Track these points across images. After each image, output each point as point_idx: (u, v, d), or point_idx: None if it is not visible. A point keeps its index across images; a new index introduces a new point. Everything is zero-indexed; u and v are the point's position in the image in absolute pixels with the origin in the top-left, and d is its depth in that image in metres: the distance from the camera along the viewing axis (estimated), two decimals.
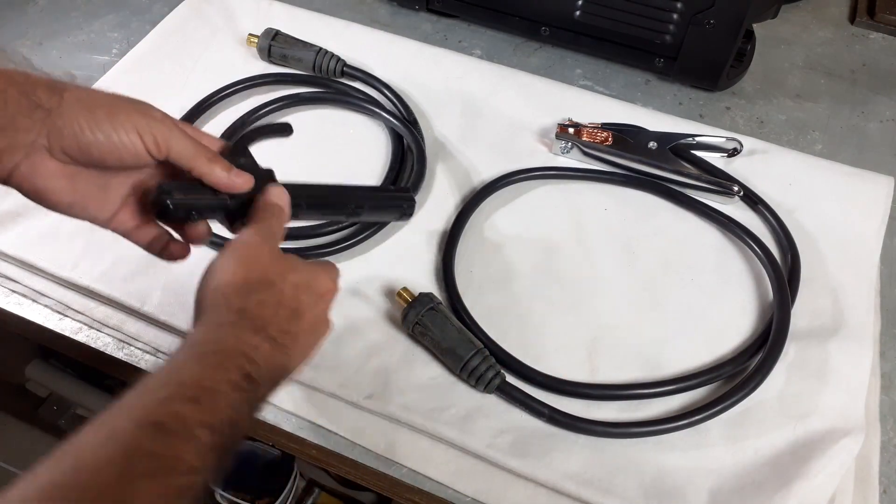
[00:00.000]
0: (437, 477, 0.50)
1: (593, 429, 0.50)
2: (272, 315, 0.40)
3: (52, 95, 0.38)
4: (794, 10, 0.87)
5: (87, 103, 0.39)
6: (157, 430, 0.32)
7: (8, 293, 0.59)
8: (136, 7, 0.84)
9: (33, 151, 0.39)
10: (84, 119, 0.39)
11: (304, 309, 0.42)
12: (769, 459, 0.49)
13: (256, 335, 0.38)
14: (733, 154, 0.67)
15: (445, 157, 0.68)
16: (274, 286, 0.41)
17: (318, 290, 0.43)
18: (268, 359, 0.38)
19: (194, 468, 0.32)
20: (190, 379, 0.35)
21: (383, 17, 0.84)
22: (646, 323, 0.57)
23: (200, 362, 0.36)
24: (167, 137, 0.41)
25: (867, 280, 0.59)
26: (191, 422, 0.33)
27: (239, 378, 0.36)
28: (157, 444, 0.32)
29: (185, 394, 0.34)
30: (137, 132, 0.40)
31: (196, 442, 0.33)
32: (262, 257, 0.42)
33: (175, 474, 0.31)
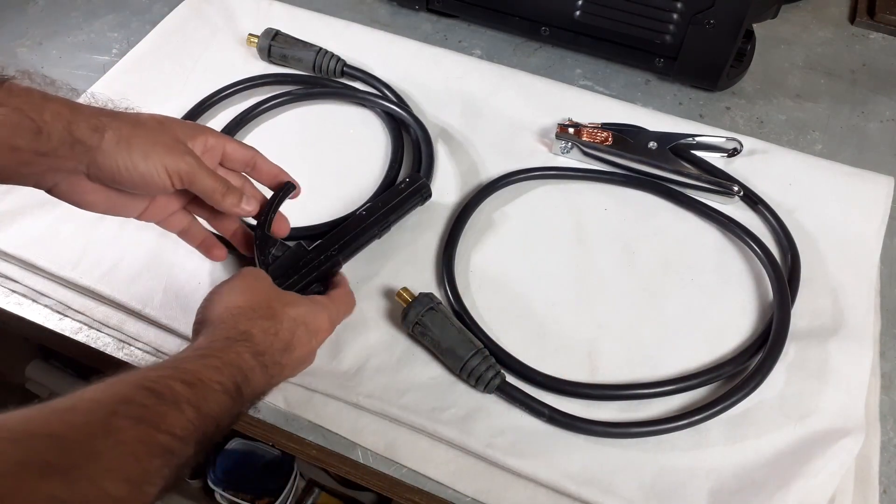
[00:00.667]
0: (437, 477, 0.50)
1: (593, 429, 0.50)
2: (269, 345, 0.44)
3: (94, 133, 0.44)
4: (794, 10, 0.87)
5: (125, 144, 0.45)
6: (150, 391, 0.36)
7: (8, 293, 0.59)
8: (136, 7, 0.84)
9: (73, 175, 0.45)
10: (121, 159, 0.44)
11: (297, 344, 0.46)
12: (769, 459, 0.49)
13: (254, 359, 0.42)
14: (733, 154, 0.67)
15: (445, 157, 0.68)
16: (276, 316, 0.46)
17: (312, 328, 0.48)
18: (256, 381, 0.42)
19: (176, 435, 0.35)
20: (189, 368, 0.39)
21: (383, 17, 0.84)
22: (646, 323, 0.57)
23: (201, 361, 0.40)
24: (191, 175, 0.47)
25: (867, 280, 0.59)
26: (180, 397, 0.36)
27: (231, 386, 0.40)
28: (147, 401, 0.35)
29: (181, 377, 0.37)
30: (166, 170, 0.46)
31: (182, 414, 0.36)
32: (267, 288, 0.48)
33: (158, 430, 0.34)
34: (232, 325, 0.43)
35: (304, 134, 0.71)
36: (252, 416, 0.53)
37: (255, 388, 0.42)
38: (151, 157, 0.45)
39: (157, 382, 0.36)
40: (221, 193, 0.49)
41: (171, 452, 0.35)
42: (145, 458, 0.34)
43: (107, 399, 0.34)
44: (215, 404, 0.38)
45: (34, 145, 0.42)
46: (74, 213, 0.61)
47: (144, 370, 0.38)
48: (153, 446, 0.34)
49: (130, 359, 0.56)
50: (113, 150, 0.44)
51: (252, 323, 0.44)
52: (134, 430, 0.34)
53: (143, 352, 0.56)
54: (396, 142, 0.69)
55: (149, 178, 0.46)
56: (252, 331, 0.43)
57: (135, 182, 0.46)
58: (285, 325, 0.45)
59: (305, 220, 0.61)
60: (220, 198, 0.49)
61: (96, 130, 0.44)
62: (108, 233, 0.60)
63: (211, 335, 0.43)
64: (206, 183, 0.48)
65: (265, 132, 0.70)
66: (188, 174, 0.47)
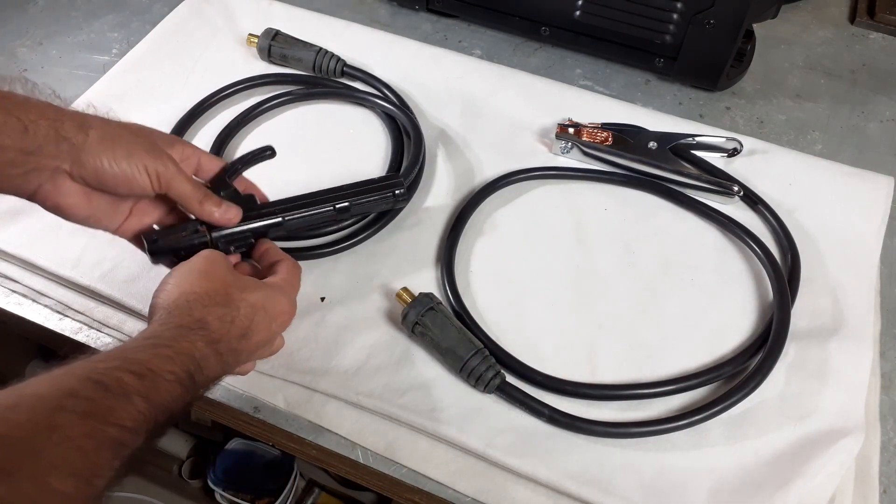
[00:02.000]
0: (437, 477, 0.50)
1: (593, 429, 0.50)
2: (226, 332, 0.44)
3: (79, 132, 0.44)
4: (794, 10, 0.87)
5: (108, 142, 0.45)
6: (98, 384, 0.35)
7: (8, 293, 0.59)
8: (136, 7, 0.84)
9: (57, 175, 0.45)
10: (105, 156, 0.45)
11: (255, 330, 0.45)
12: (769, 459, 0.49)
13: (208, 347, 0.42)
14: (733, 154, 0.67)
15: (445, 157, 0.68)
16: (232, 303, 0.45)
17: (272, 312, 0.47)
18: (210, 369, 0.42)
19: (125, 426, 0.35)
20: (139, 360, 0.38)
21: (383, 17, 0.84)
22: (646, 323, 0.57)
23: (152, 350, 0.39)
24: (169, 179, 0.47)
25: (867, 280, 0.59)
26: (130, 389, 0.36)
27: (183, 375, 0.40)
28: (95, 394, 0.35)
29: (130, 368, 0.37)
30: (146, 170, 0.46)
31: (131, 406, 0.36)
32: (224, 273, 0.47)
33: (105, 423, 0.34)
34: (187, 313, 0.43)
35: (304, 134, 0.71)
36: (252, 416, 0.53)
37: (209, 374, 0.42)
38: (133, 157, 0.46)
39: (104, 374, 0.36)
40: (199, 200, 0.50)
41: (121, 444, 0.35)
42: (93, 452, 0.33)
43: (51, 394, 0.34)
44: (167, 394, 0.38)
45: (21, 144, 0.42)
46: None
47: (92, 361, 0.37)
48: (101, 440, 0.34)
49: None
50: (97, 147, 0.44)
51: (207, 310, 0.43)
52: (80, 424, 0.33)
53: None
54: (396, 142, 0.69)
55: (131, 177, 0.46)
56: (207, 318, 0.43)
57: (117, 180, 0.46)
58: (242, 312, 0.45)
59: None
60: (198, 204, 0.50)
61: (81, 128, 0.44)
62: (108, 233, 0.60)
63: (164, 322, 0.42)
64: (185, 187, 0.49)
65: (265, 132, 0.70)
66: (167, 177, 0.47)
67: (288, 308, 0.49)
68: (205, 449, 1.16)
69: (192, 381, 0.40)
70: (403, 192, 0.58)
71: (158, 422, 0.37)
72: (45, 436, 0.32)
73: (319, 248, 0.60)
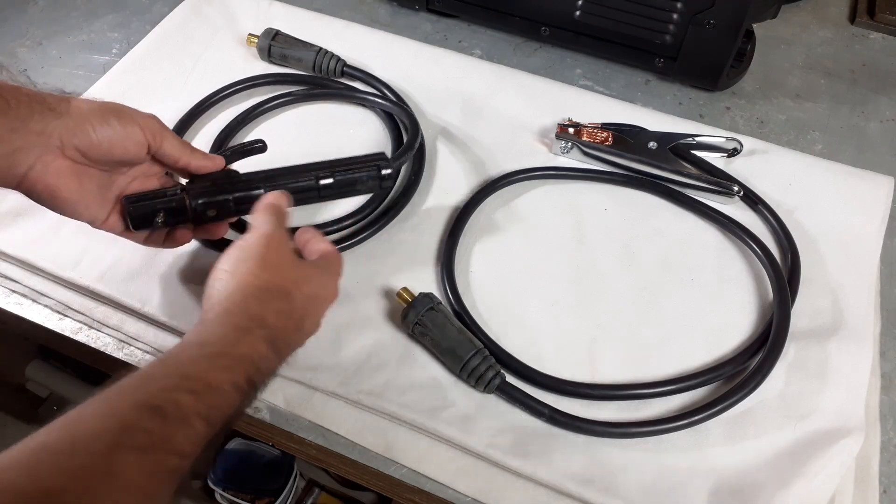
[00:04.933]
0: (437, 477, 0.50)
1: (593, 429, 0.50)
2: (283, 327, 0.42)
3: (62, 102, 0.43)
4: (794, 10, 0.87)
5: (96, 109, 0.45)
6: (155, 412, 0.33)
7: (8, 293, 0.59)
8: (136, 7, 0.84)
9: (46, 151, 0.43)
10: (94, 118, 0.44)
11: (307, 317, 0.44)
12: (769, 459, 0.49)
13: (267, 346, 0.40)
14: (733, 154, 0.67)
15: (445, 157, 0.68)
16: (290, 296, 0.43)
17: (322, 297, 0.46)
18: (268, 367, 0.41)
19: (185, 453, 0.33)
20: (196, 374, 0.36)
21: (383, 17, 0.84)
22: (646, 323, 0.57)
23: (210, 361, 0.37)
24: (162, 134, 0.48)
25: (867, 280, 0.59)
26: (188, 411, 0.34)
27: (243, 382, 0.38)
28: (152, 423, 0.33)
29: (188, 386, 0.35)
30: (139, 126, 0.46)
31: (191, 430, 0.34)
32: (285, 263, 0.45)
33: (166, 454, 0.32)
34: (244, 310, 0.41)
35: (305, 134, 0.71)
36: (252, 416, 0.53)
37: (267, 374, 0.40)
38: (124, 116, 0.45)
39: (160, 398, 0.34)
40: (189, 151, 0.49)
41: (178, 471, 0.33)
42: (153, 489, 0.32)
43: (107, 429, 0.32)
44: (227, 407, 0.36)
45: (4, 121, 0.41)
46: None
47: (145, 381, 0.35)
48: (161, 474, 0.32)
49: (130, 359, 0.56)
50: (85, 114, 0.44)
51: (265, 306, 0.41)
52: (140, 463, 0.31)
53: (143, 352, 0.56)
54: (396, 142, 0.69)
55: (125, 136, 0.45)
56: (266, 315, 0.41)
57: (112, 142, 0.45)
58: (298, 304, 0.43)
59: (306, 219, 0.61)
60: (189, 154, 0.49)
61: (62, 100, 0.44)
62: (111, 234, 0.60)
63: (221, 324, 0.40)
64: (176, 141, 0.48)
65: (265, 132, 0.70)
66: (161, 133, 0.47)
67: (335, 293, 0.48)
68: None
69: (252, 386, 0.38)
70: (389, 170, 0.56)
71: (217, 436, 0.35)
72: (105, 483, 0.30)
73: None
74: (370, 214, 0.62)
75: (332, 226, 0.61)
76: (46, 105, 0.42)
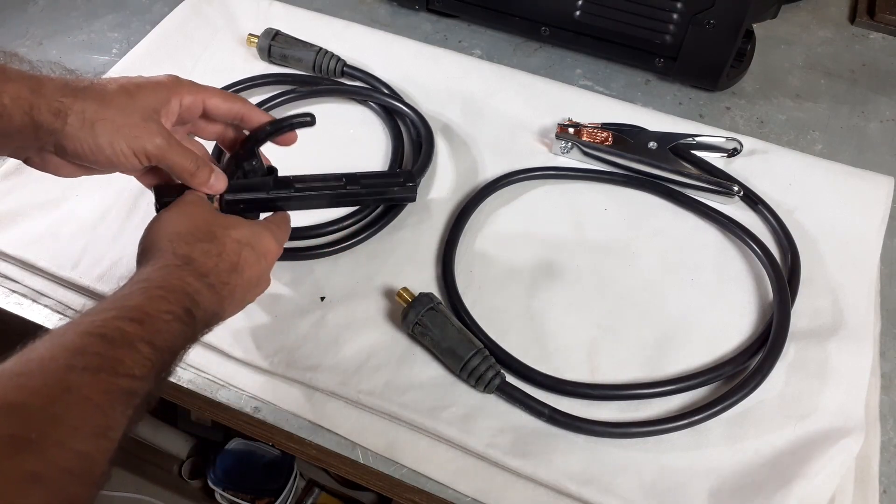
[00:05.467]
0: (437, 477, 0.50)
1: (593, 429, 0.50)
2: (214, 265, 0.44)
3: (57, 118, 0.42)
4: (794, 10, 0.87)
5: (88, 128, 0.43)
6: (101, 338, 0.35)
7: (8, 293, 0.59)
8: (136, 7, 0.84)
9: (42, 152, 0.45)
10: (85, 143, 0.43)
11: (244, 265, 0.46)
12: (769, 459, 0.49)
13: (198, 280, 0.42)
14: (733, 154, 0.67)
15: (445, 157, 0.68)
16: (216, 239, 0.45)
17: (259, 249, 0.47)
18: (206, 302, 0.42)
19: (135, 376, 0.35)
20: (134, 305, 0.38)
21: (383, 17, 0.84)
22: (646, 323, 0.57)
23: (145, 294, 0.39)
24: (159, 155, 0.46)
25: (867, 280, 0.59)
26: (132, 336, 0.36)
27: (181, 312, 0.39)
28: (100, 347, 0.35)
29: (128, 315, 0.37)
30: (134, 153, 0.45)
31: (137, 353, 0.36)
32: (206, 213, 0.47)
33: (117, 375, 0.34)
34: (170, 252, 0.43)
35: (305, 133, 0.70)
36: (252, 416, 0.53)
37: (207, 308, 0.42)
38: (117, 142, 0.44)
39: (105, 326, 0.36)
40: (190, 173, 0.48)
41: (132, 393, 0.35)
42: (108, 406, 0.33)
43: (59, 354, 0.34)
44: (169, 335, 0.38)
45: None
46: (74, 213, 0.61)
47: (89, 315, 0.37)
48: (115, 393, 0.34)
49: None
50: (77, 133, 0.43)
51: (191, 247, 0.43)
52: (93, 381, 0.33)
53: None
54: (396, 141, 0.69)
55: (116, 161, 0.45)
56: (192, 254, 0.43)
57: (101, 164, 0.45)
58: (228, 247, 0.45)
59: (307, 219, 0.61)
60: (189, 177, 0.48)
61: (58, 115, 0.42)
62: (108, 233, 0.61)
63: (151, 265, 0.42)
64: (175, 160, 0.47)
65: None
66: (156, 156, 0.46)
67: (275, 247, 0.49)
68: (205, 449, 1.16)
69: (191, 317, 0.40)
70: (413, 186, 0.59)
71: (165, 364, 0.37)
72: (61, 399, 0.32)
73: (319, 248, 0.60)
74: (370, 214, 0.62)
75: (332, 226, 0.61)
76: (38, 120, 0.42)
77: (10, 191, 0.63)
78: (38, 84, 0.42)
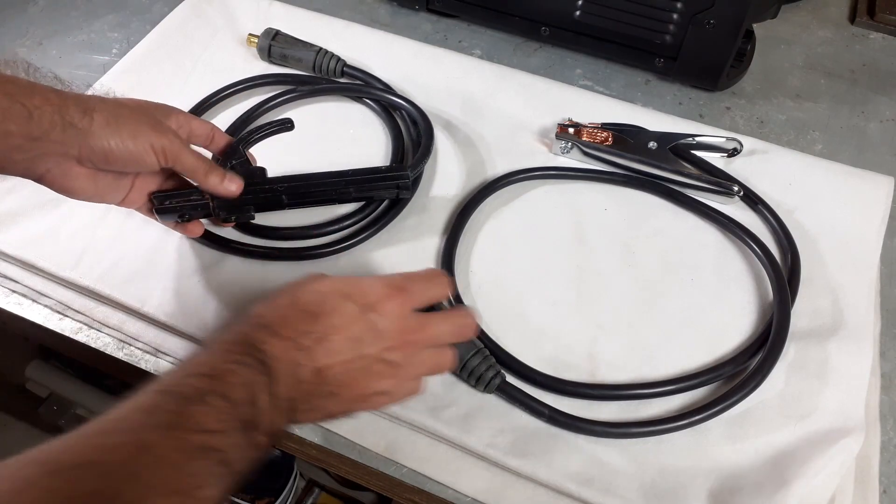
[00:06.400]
0: (437, 477, 0.50)
1: (593, 429, 0.50)
2: (281, 317, 0.41)
3: (84, 116, 0.45)
4: (794, 10, 0.87)
5: (114, 124, 0.46)
6: (173, 395, 0.35)
7: (8, 293, 0.59)
8: (136, 7, 0.84)
9: (64, 160, 0.46)
10: (112, 139, 0.46)
11: (329, 311, 0.41)
12: (769, 459, 0.49)
13: (262, 331, 0.40)
14: (733, 154, 0.67)
15: (445, 157, 0.68)
16: (286, 294, 0.43)
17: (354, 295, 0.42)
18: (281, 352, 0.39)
19: (209, 430, 0.35)
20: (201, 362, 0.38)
21: (383, 17, 0.84)
22: (646, 323, 0.57)
23: (208, 351, 0.39)
24: (175, 153, 0.49)
25: (867, 280, 0.59)
26: (204, 390, 0.36)
27: (250, 360, 0.38)
28: (173, 405, 0.35)
29: (199, 371, 0.37)
30: (153, 148, 0.48)
31: (209, 407, 0.35)
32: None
33: (190, 432, 0.34)
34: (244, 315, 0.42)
35: (305, 133, 0.70)
36: None
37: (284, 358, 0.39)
38: (139, 137, 0.47)
39: (177, 384, 0.36)
40: (204, 172, 0.51)
41: (211, 449, 0.34)
42: (185, 464, 0.33)
43: (133, 414, 0.34)
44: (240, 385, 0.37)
45: (26, 129, 0.43)
46: (74, 213, 0.61)
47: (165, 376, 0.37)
48: (190, 450, 0.34)
49: (130, 359, 0.56)
50: (104, 131, 0.45)
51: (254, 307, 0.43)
52: (167, 439, 0.33)
53: (143, 351, 0.56)
54: (397, 140, 0.69)
55: (138, 156, 0.47)
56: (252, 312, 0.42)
57: (125, 161, 0.47)
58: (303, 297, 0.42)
59: (306, 219, 0.62)
60: (203, 176, 0.51)
61: (86, 113, 0.45)
62: (108, 233, 0.61)
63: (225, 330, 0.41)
64: (189, 160, 0.50)
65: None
66: (173, 152, 0.49)
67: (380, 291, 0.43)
68: None
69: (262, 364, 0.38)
70: (408, 184, 0.60)
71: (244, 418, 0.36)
72: (138, 457, 0.32)
73: (319, 248, 0.60)
74: (370, 214, 0.62)
75: (332, 226, 0.61)
76: (68, 120, 0.44)
77: (10, 191, 0.63)
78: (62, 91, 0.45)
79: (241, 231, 0.61)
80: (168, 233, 0.60)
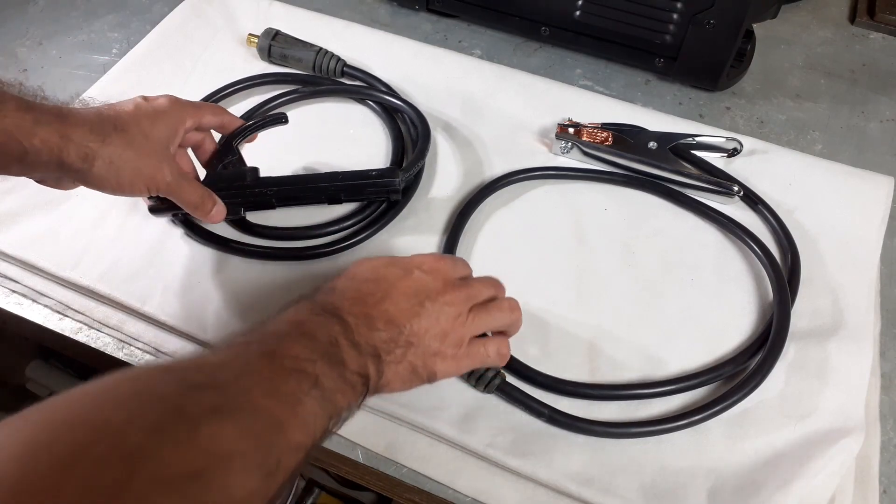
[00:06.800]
0: (437, 477, 0.50)
1: (593, 429, 0.50)
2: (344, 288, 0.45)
3: (84, 162, 0.46)
4: (794, 10, 0.87)
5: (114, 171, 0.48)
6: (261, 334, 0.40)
7: (8, 293, 0.59)
8: (136, 7, 0.84)
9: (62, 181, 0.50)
10: (108, 184, 0.49)
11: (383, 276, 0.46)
12: (769, 459, 0.49)
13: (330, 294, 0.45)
14: (733, 154, 0.67)
15: (445, 157, 0.68)
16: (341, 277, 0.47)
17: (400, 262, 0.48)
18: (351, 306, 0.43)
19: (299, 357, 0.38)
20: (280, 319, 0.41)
21: (383, 17, 0.84)
22: (646, 323, 0.57)
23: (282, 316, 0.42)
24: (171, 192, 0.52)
25: (867, 280, 0.59)
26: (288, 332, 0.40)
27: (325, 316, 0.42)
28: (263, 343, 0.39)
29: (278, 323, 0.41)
30: (148, 190, 0.51)
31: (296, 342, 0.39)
32: None
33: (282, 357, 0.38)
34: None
35: (305, 133, 0.70)
36: None
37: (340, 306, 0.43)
38: (137, 183, 0.49)
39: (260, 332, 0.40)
40: (195, 205, 0.54)
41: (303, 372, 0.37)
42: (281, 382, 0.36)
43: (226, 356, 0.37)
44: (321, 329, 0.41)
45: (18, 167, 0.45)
46: (74, 213, 0.61)
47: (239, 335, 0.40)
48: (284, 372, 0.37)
49: (130, 359, 0.56)
50: (102, 173, 0.48)
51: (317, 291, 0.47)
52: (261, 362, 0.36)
53: (143, 352, 0.56)
54: (397, 141, 0.69)
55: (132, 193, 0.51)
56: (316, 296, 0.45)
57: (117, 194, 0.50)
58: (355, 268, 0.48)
59: (306, 219, 0.61)
60: (193, 209, 0.54)
61: (86, 159, 0.47)
62: (108, 232, 0.61)
63: None
64: (182, 196, 0.53)
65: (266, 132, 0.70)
66: (167, 190, 0.52)
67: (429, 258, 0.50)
68: None
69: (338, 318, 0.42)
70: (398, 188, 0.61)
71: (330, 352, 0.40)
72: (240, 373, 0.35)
73: (319, 248, 0.60)
74: (370, 215, 0.62)
75: (332, 226, 0.61)
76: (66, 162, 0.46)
77: (10, 191, 0.63)
78: (66, 128, 0.46)
79: (242, 231, 0.61)
80: (168, 233, 0.60)
